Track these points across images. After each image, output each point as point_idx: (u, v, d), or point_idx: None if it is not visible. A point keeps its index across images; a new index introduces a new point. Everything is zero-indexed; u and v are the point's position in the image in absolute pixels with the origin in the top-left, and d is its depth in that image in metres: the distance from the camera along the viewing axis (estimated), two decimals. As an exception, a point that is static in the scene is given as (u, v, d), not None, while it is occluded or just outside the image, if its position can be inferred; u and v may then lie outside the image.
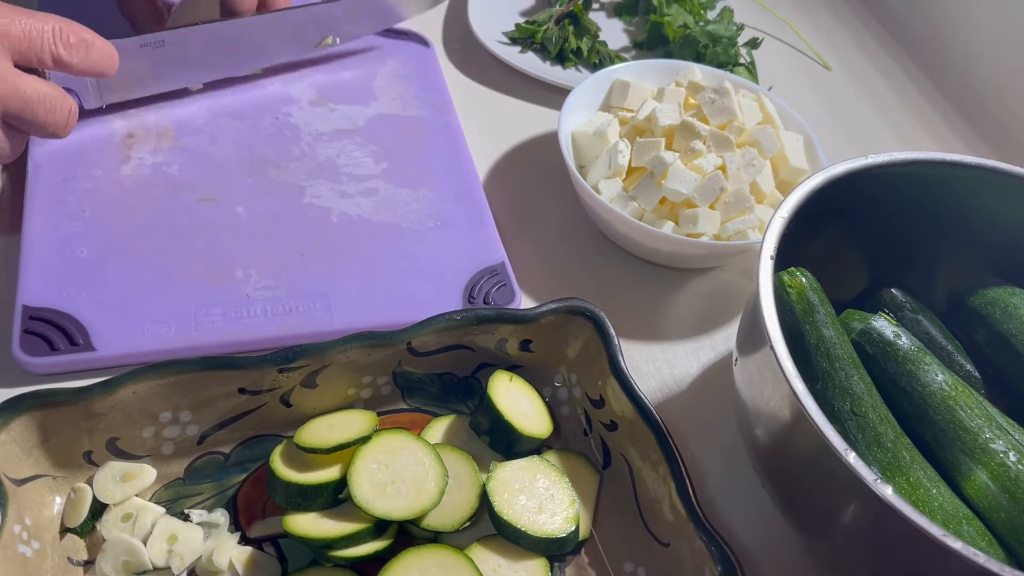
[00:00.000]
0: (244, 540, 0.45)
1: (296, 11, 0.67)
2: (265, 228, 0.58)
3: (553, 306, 0.50)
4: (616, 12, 0.85)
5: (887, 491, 0.37)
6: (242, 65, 0.67)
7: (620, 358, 0.48)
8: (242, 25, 0.65)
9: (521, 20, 0.79)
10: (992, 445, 0.43)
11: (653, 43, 0.80)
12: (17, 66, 0.50)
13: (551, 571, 0.45)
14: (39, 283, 0.52)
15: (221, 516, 0.45)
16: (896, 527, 0.37)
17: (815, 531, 0.44)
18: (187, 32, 0.63)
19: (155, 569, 0.43)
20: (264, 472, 0.46)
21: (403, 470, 0.44)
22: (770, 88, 0.76)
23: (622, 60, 0.78)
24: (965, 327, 0.53)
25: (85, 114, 0.62)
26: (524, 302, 0.59)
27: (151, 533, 0.43)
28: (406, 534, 0.45)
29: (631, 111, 0.66)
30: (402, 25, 0.77)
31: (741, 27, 0.79)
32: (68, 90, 0.56)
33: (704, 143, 0.61)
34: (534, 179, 0.68)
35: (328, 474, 0.44)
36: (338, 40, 0.69)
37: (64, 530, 0.43)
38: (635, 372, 0.56)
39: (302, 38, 0.68)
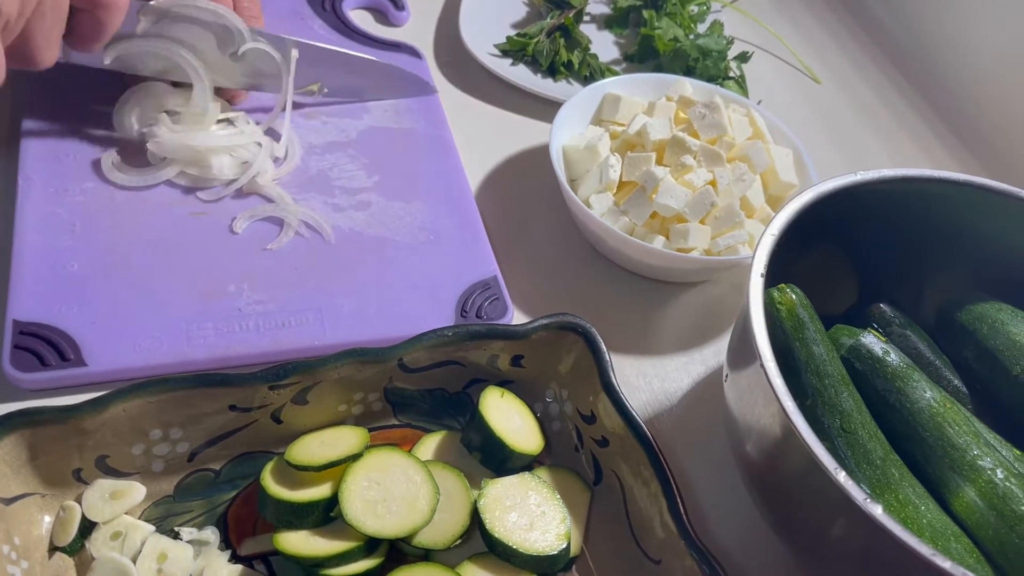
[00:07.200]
0: (234, 558, 0.44)
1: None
2: (257, 242, 0.58)
3: (544, 322, 0.50)
4: (607, 25, 0.85)
5: (877, 510, 0.37)
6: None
7: (611, 374, 0.48)
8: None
9: (512, 32, 0.80)
10: (980, 462, 0.44)
11: (644, 56, 0.81)
12: None
13: (542, 588, 0.45)
14: (30, 298, 0.52)
15: (211, 534, 0.45)
16: (886, 545, 0.37)
17: (806, 548, 0.45)
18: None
19: (145, 588, 0.42)
20: (255, 489, 0.46)
21: (394, 487, 0.44)
22: (759, 102, 0.77)
23: (613, 73, 0.78)
24: (953, 342, 0.54)
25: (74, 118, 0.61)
26: (516, 315, 0.59)
27: (140, 552, 0.43)
28: (397, 552, 0.45)
29: (622, 125, 0.67)
30: (394, 36, 0.77)
31: (731, 41, 0.79)
32: None
33: (695, 158, 0.61)
34: (526, 192, 0.68)
35: (319, 491, 0.44)
36: (325, 90, 0.68)
37: (53, 549, 0.43)
38: (626, 386, 0.56)
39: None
